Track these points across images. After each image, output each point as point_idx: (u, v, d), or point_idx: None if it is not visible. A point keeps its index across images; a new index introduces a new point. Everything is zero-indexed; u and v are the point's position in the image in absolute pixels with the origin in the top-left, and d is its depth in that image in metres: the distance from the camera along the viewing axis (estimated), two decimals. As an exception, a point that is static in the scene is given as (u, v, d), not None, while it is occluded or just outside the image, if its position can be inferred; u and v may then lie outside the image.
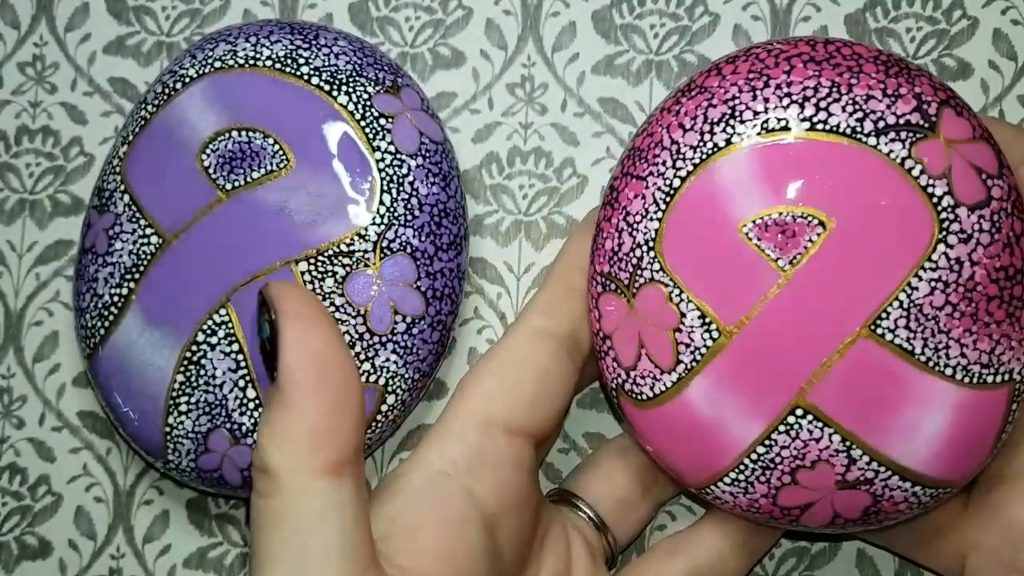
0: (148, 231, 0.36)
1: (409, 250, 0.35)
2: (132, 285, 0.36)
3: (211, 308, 0.35)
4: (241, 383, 0.35)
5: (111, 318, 0.36)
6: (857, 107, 0.30)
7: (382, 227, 0.35)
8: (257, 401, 0.35)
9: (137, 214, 0.36)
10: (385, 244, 0.35)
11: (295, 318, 0.30)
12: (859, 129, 0.29)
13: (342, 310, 0.34)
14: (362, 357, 0.35)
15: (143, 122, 0.36)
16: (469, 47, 0.40)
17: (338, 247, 0.35)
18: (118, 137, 0.37)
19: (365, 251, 0.35)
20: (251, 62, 0.36)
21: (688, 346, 0.30)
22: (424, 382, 0.36)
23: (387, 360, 0.35)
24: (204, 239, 0.35)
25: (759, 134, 0.30)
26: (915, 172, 0.29)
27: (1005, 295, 0.29)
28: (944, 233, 0.29)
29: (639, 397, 0.31)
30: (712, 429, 0.30)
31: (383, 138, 0.35)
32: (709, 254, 0.30)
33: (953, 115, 0.30)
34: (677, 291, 0.30)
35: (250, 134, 0.35)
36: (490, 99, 0.40)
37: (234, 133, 0.35)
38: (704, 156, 0.30)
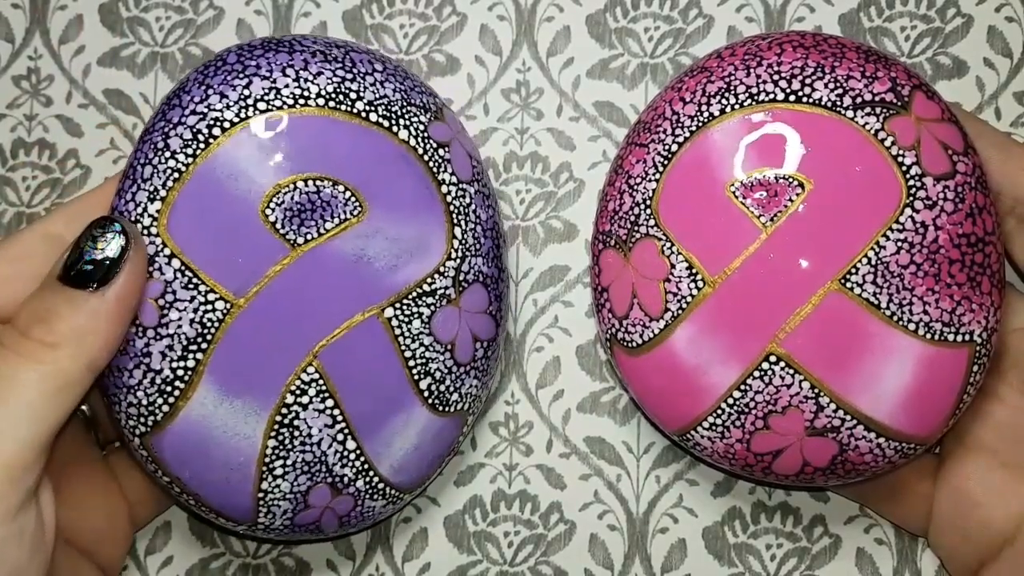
0: (211, 296, 0.34)
1: (482, 279, 0.36)
2: (200, 356, 0.34)
3: (298, 368, 0.34)
4: (340, 436, 0.35)
5: (176, 393, 0.34)
6: (838, 85, 0.34)
7: (457, 260, 0.36)
8: (358, 452, 0.36)
9: (194, 279, 0.34)
10: (462, 277, 0.36)
11: (141, 262, 0.33)
12: (839, 103, 0.34)
13: (431, 348, 0.35)
14: (451, 389, 0.36)
15: (177, 175, 0.34)
16: (464, 53, 0.41)
17: (421, 287, 0.35)
18: (136, 190, 0.35)
19: (446, 287, 0.35)
20: (300, 102, 0.35)
21: (675, 295, 0.34)
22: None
23: (470, 387, 0.37)
24: (279, 298, 0.34)
25: (750, 105, 0.34)
26: (887, 143, 0.33)
27: (967, 260, 0.33)
28: (911, 199, 0.33)
29: (630, 345, 0.35)
30: (694, 374, 0.34)
31: (445, 169, 0.36)
32: (699, 211, 0.34)
33: (924, 98, 0.34)
34: (669, 244, 0.34)
35: (318, 183, 0.34)
36: (486, 105, 0.41)
37: (300, 184, 0.34)
38: (700, 124, 0.35)
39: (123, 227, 0.33)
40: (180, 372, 0.34)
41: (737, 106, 0.34)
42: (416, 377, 0.35)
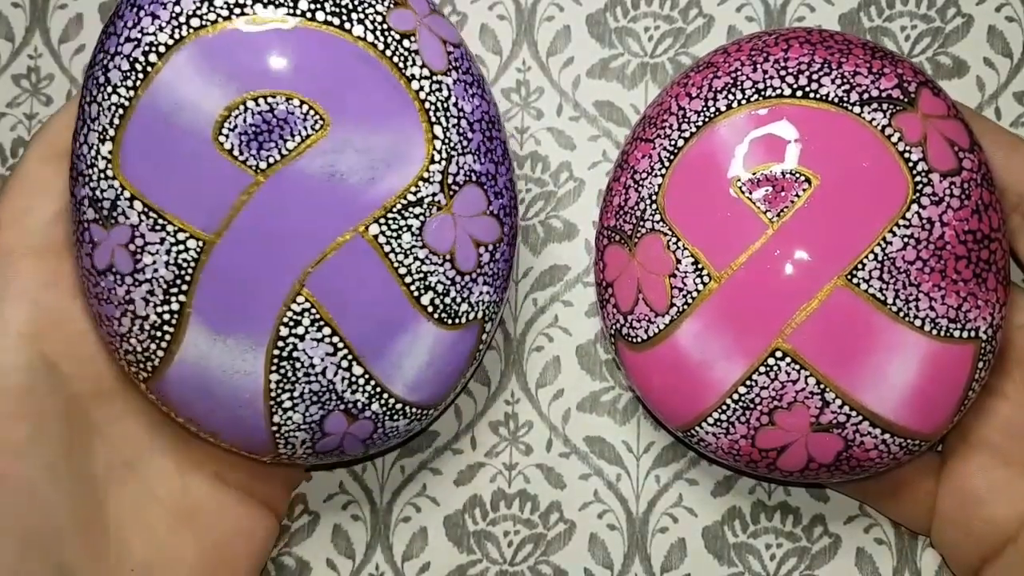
0: (181, 235, 0.32)
1: (474, 178, 0.34)
2: (183, 299, 0.33)
3: (286, 298, 0.33)
4: (344, 363, 0.34)
5: (168, 338, 0.33)
6: (845, 80, 0.34)
7: (443, 162, 0.33)
8: (367, 376, 0.34)
9: (160, 220, 0.32)
10: (451, 180, 0.33)
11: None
12: (846, 99, 0.34)
13: (427, 261, 0.33)
14: (458, 300, 0.34)
15: (121, 110, 0.32)
16: (464, 52, 0.41)
17: (404, 198, 0.33)
18: (87, 131, 0.33)
19: (434, 194, 0.33)
20: (236, 11, 0.32)
21: (681, 290, 0.34)
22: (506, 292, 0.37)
23: (481, 294, 0.35)
24: (252, 229, 0.33)
25: (757, 100, 0.34)
26: (894, 139, 0.34)
27: (973, 256, 0.34)
28: (918, 195, 0.33)
29: (634, 340, 0.35)
30: (699, 369, 0.34)
31: (413, 63, 0.33)
32: (705, 206, 0.34)
33: (930, 94, 0.35)
34: (675, 239, 0.34)
35: (270, 100, 0.32)
36: (486, 104, 0.41)
37: (250, 104, 0.32)
38: (707, 119, 0.35)
39: None
40: (166, 316, 0.33)
41: (744, 101, 0.34)
42: (416, 293, 0.34)
